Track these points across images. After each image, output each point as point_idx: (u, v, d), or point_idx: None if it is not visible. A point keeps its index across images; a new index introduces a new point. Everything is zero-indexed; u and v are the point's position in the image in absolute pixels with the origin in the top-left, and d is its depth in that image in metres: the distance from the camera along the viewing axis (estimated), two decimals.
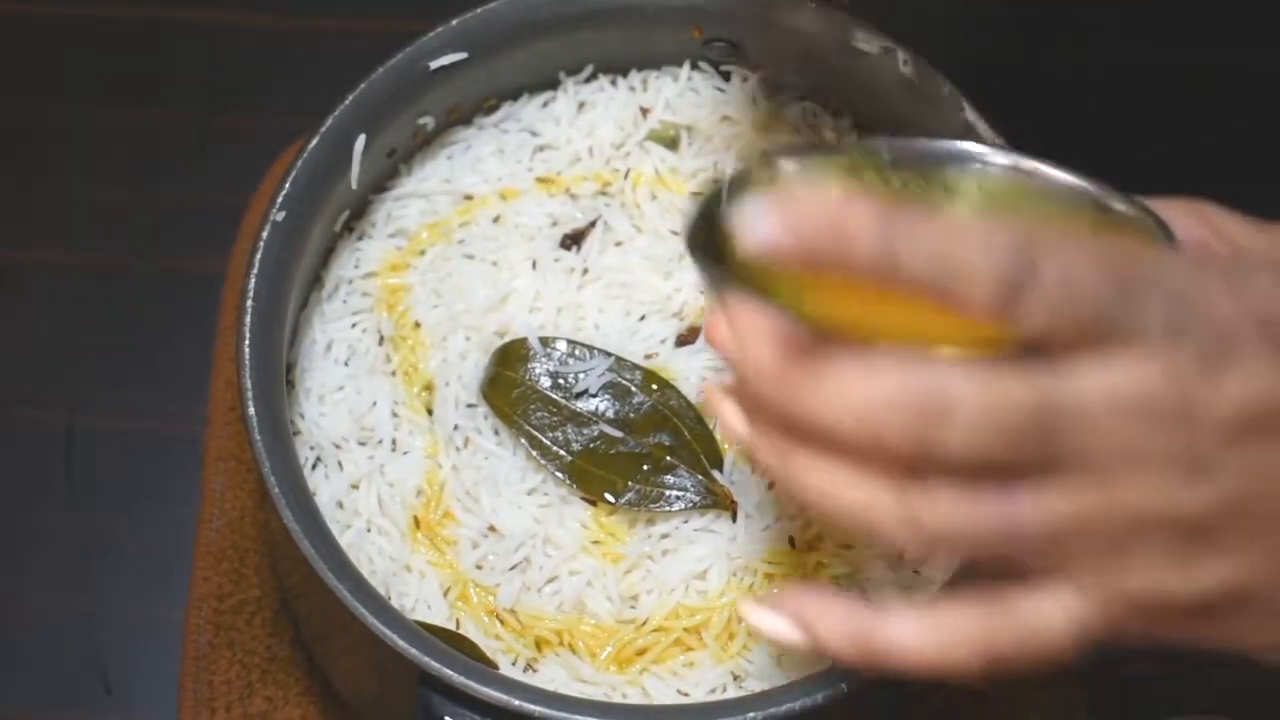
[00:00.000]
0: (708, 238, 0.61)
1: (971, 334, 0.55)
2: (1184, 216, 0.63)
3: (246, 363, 0.77)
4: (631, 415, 0.81)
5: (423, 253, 0.86)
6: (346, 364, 0.84)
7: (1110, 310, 0.52)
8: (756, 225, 0.52)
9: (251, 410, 0.76)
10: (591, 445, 0.81)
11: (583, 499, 0.80)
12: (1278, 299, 0.54)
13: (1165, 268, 0.54)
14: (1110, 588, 0.54)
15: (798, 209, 0.52)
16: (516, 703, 0.71)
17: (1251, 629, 0.56)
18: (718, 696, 0.77)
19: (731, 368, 0.58)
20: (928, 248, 0.51)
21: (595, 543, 0.80)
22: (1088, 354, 0.52)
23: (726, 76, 0.90)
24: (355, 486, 0.81)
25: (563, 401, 0.81)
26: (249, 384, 0.77)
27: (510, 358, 0.82)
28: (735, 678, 0.78)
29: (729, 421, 0.59)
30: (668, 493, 0.80)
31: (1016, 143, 0.82)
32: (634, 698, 0.77)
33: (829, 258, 0.52)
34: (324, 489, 0.81)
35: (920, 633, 0.56)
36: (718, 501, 0.80)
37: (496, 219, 0.87)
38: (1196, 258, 0.59)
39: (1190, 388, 0.53)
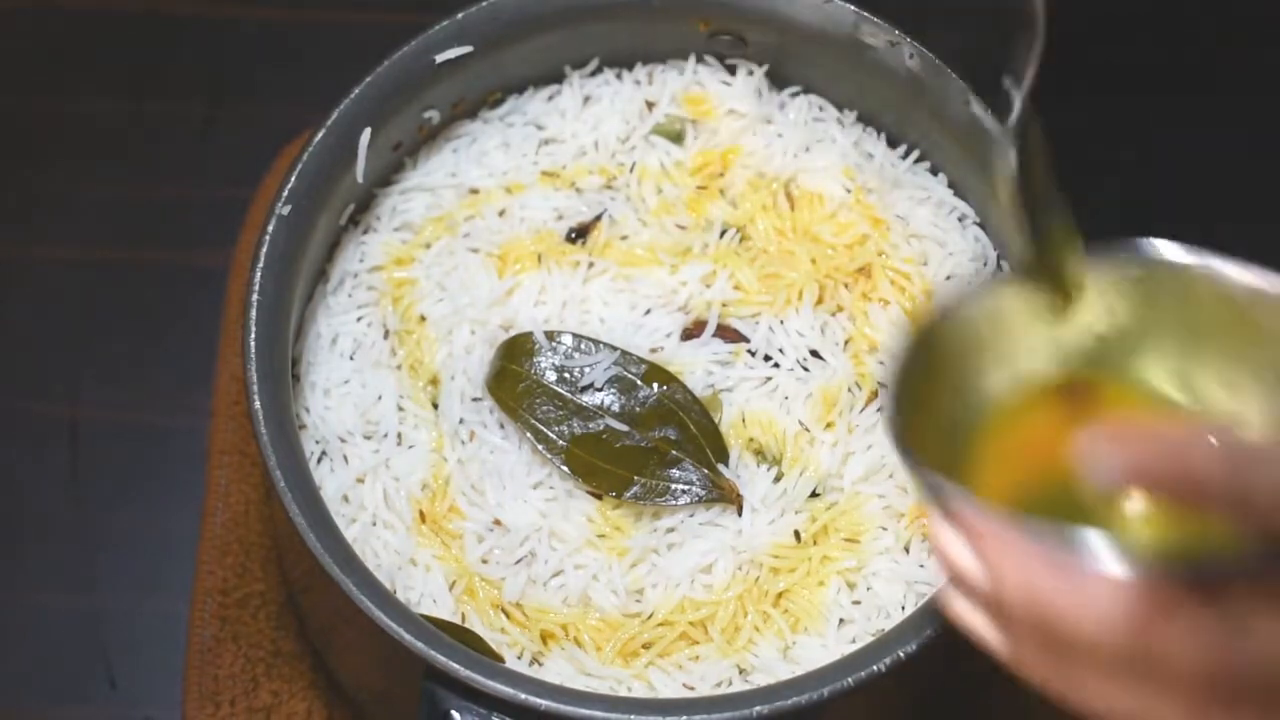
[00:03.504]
0: (908, 421, 0.60)
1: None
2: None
3: (252, 356, 0.77)
4: (637, 409, 0.81)
5: (428, 246, 0.86)
6: (352, 358, 0.84)
7: None
8: (1101, 462, 0.53)
9: (257, 404, 0.76)
10: (597, 435, 0.81)
11: (588, 492, 0.80)
12: None
13: None
14: None
15: (1147, 448, 0.53)
16: (522, 696, 0.71)
17: None
18: (723, 690, 0.77)
19: (970, 581, 0.57)
20: (1276, 482, 0.53)
21: (601, 536, 0.80)
22: None
23: (732, 70, 0.90)
24: (360, 480, 0.81)
25: (568, 395, 0.81)
26: (254, 378, 0.77)
27: (515, 351, 0.82)
28: (741, 671, 0.78)
29: (983, 635, 0.59)
30: (673, 487, 0.80)
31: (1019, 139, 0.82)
32: (639, 691, 0.77)
33: (1181, 492, 0.53)
34: (329, 483, 0.81)
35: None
36: (723, 495, 0.80)
37: (501, 213, 0.87)
38: None
39: None
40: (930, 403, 0.63)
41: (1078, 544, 0.55)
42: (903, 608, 0.78)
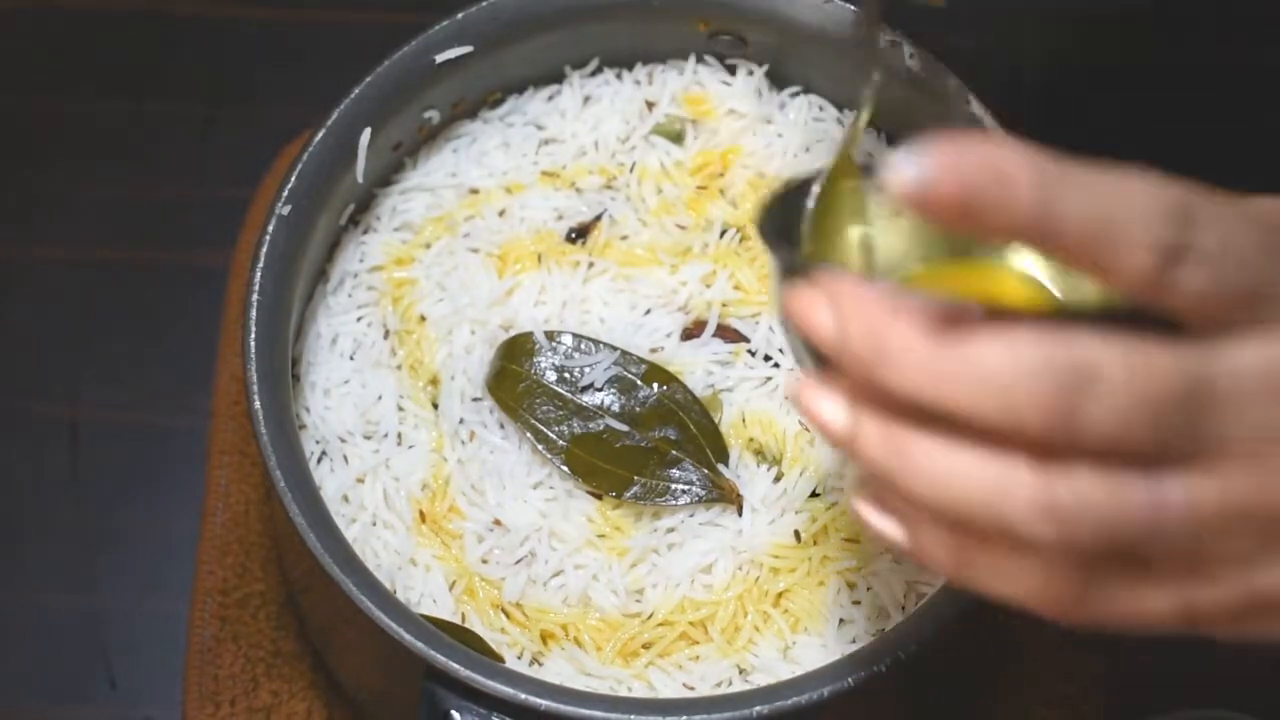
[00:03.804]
0: (782, 224, 0.59)
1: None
2: None
3: (252, 356, 0.77)
4: (637, 409, 0.81)
5: (428, 246, 0.86)
6: (352, 358, 0.84)
7: (1266, 281, 0.49)
8: (913, 164, 0.48)
9: (257, 404, 0.76)
10: (597, 435, 0.81)
11: (588, 492, 0.80)
12: None
13: None
14: (1243, 585, 0.51)
15: (958, 149, 0.48)
16: (522, 696, 0.71)
17: None
18: (723, 690, 0.77)
19: (824, 348, 0.52)
20: (1087, 205, 0.48)
21: (601, 536, 0.80)
22: (1240, 330, 0.49)
23: (732, 70, 0.90)
24: (360, 480, 0.81)
25: (568, 395, 0.81)
26: (254, 378, 0.77)
27: (515, 351, 0.82)
28: (741, 671, 0.78)
29: (824, 414, 0.53)
30: (673, 487, 0.80)
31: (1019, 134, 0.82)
32: (639, 691, 0.77)
33: (986, 202, 0.48)
34: (329, 483, 0.81)
35: (1028, 571, 0.51)
36: (723, 495, 0.80)
37: (502, 213, 0.87)
38: None
39: None
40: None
41: (923, 294, 0.52)
42: (903, 608, 0.78)
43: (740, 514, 0.80)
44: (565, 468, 0.80)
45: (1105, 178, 0.49)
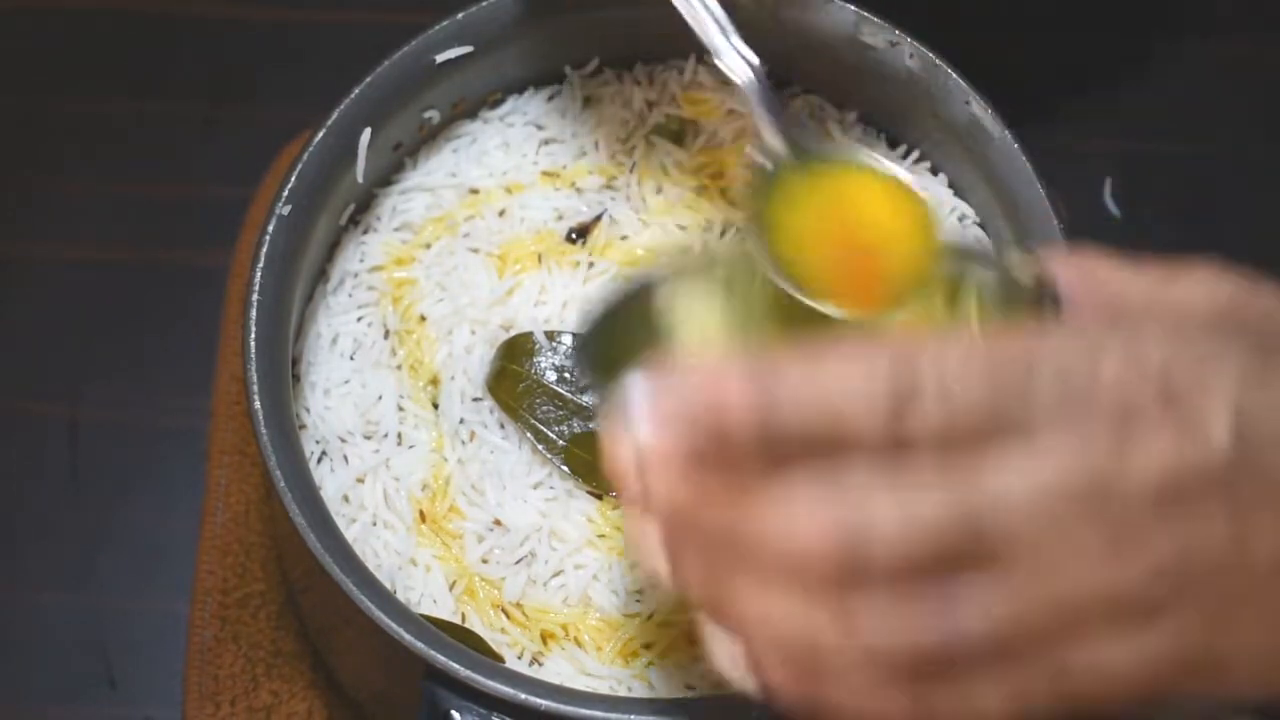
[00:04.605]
0: (606, 347, 0.62)
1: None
2: (1062, 271, 0.60)
3: (252, 356, 0.77)
4: None
5: (428, 246, 0.86)
6: (352, 358, 0.84)
7: (1000, 407, 0.52)
8: (636, 424, 0.53)
9: (257, 404, 0.76)
10: (596, 434, 0.81)
11: (588, 492, 0.80)
12: (1167, 354, 0.53)
13: (1049, 347, 0.53)
14: (1056, 679, 0.53)
15: (669, 396, 0.53)
16: (522, 696, 0.71)
17: (1200, 688, 0.55)
18: (723, 690, 0.77)
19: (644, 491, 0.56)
20: (807, 399, 0.52)
21: (601, 536, 0.80)
22: (994, 451, 0.52)
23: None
24: (361, 480, 0.81)
25: (568, 395, 0.81)
26: (255, 377, 0.77)
27: (515, 351, 0.82)
28: None
29: (648, 544, 0.57)
30: None
31: (1019, 133, 0.83)
32: (639, 691, 0.77)
33: (716, 440, 0.52)
34: (329, 483, 0.81)
35: (861, 688, 0.54)
36: None
37: (502, 213, 0.87)
38: (1078, 327, 0.58)
39: (1103, 467, 0.52)
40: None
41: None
42: None
43: None
44: (565, 468, 0.80)
45: (818, 369, 0.52)
